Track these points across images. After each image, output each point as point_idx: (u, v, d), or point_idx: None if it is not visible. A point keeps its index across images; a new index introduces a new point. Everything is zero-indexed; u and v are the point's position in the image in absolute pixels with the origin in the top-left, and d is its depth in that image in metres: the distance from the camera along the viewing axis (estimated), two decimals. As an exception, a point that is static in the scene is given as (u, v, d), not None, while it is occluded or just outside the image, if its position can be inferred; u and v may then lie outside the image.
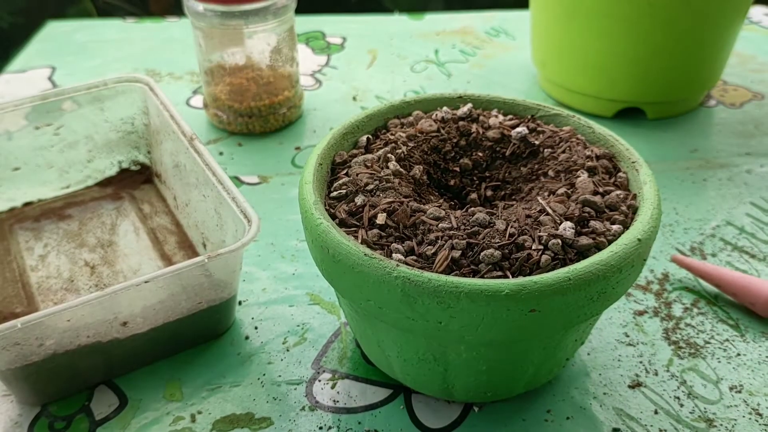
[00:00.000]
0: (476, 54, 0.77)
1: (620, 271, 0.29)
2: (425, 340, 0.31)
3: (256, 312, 0.42)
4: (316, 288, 0.44)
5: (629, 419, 0.36)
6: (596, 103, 0.63)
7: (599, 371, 0.38)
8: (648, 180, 0.33)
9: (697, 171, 0.56)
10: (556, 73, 0.65)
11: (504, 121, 0.39)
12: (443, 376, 0.33)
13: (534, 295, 0.27)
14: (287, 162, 0.57)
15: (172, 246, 0.47)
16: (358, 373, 0.38)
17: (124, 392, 0.37)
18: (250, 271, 0.45)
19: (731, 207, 0.52)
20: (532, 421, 0.35)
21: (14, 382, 0.35)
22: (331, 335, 0.41)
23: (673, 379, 0.38)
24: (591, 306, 0.29)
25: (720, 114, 0.65)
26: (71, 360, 0.35)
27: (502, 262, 0.29)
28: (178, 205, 0.49)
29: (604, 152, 0.36)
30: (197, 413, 0.36)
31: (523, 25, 0.81)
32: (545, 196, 0.33)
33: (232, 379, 0.38)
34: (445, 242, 0.30)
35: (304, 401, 0.37)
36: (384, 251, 0.30)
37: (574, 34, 0.60)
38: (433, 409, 0.36)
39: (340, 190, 0.33)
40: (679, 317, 0.42)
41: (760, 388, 0.37)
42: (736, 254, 0.47)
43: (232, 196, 0.39)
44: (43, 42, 0.79)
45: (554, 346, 0.33)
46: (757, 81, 0.71)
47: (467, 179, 0.38)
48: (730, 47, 0.62)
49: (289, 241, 0.48)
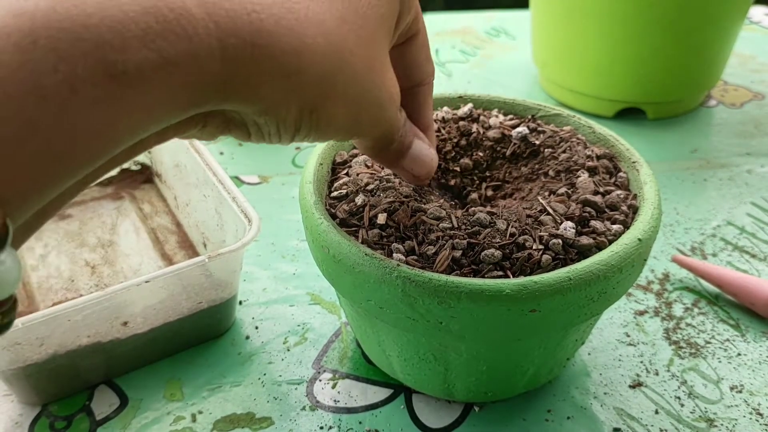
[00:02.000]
0: (476, 54, 0.77)
1: (621, 271, 0.29)
2: (426, 340, 0.31)
3: (256, 312, 0.42)
4: (316, 288, 0.44)
5: (630, 419, 0.36)
6: (597, 103, 0.63)
7: (600, 371, 0.38)
8: (648, 180, 0.33)
9: (698, 171, 0.56)
10: (557, 73, 0.65)
11: (504, 121, 0.39)
12: (444, 375, 0.33)
13: (534, 295, 0.27)
14: (287, 162, 0.57)
15: (173, 246, 0.47)
16: (359, 373, 0.38)
17: (125, 392, 0.37)
18: (250, 271, 0.45)
19: (732, 207, 0.52)
20: (532, 420, 0.35)
21: (15, 382, 0.35)
22: (332, 335, 0.41)
23: (673, 379, 0.38)
24: (591, 306, 0.29)
25: (720, 114, 0.65)
26: (72, 360, 0.35)
27: (502, 262, 0.29)
28: (179, 205, 0.49)
29: (604, 152, 0.36)
30: (198, 413, 0.36)
31: (523, 25, 0.81)
32: (546, 196, 0.33)
33: (232, 379, 0.38)
34: (445, 242, 0.30)
35: (304, 401, 0.37)
36: (384, 251, 0.30)
37: (575, 35, 0.60)
38: (433, 409, 0.36)
39: (341, 190, 0.33)
40: (680, 317, 0.42)
41: (760, 387, 0.37)
42: (737, 254, 0.47)
43: (232, 196, 0.39)
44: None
45: (555, 346, 0.33)
46: (757, 81, 0.71)
47: (468, 179, 0.38)
48: (730, 47, 0.62)
49: (290, 241, 0.48)
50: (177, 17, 0.17)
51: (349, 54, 0.21)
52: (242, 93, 0.19)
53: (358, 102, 0.22)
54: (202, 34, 0.17)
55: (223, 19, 0.18)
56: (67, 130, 0.16)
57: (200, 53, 0.17)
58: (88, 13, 0.16)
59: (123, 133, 0.17)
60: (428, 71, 0.27)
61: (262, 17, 0.19)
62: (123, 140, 0.17)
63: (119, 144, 0.17)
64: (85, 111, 0.16)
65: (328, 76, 0.21)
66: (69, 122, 0.16)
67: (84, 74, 0.16)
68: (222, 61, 0.18)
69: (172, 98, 0.18)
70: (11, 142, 0.15)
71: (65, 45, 0.16)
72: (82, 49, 0.16)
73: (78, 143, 0.16)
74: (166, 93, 0.17)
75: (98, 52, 0.16)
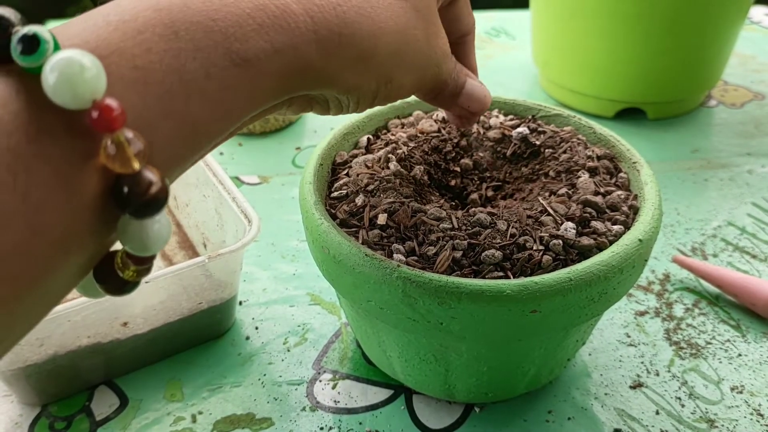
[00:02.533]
0: (477, 54, 0.77)
1: (621, 271, 0.29)
2: (426, 341, 0.31)
3: (256, 312, 0.42)
4: (316, 288, 0.44)
5: (630, 420, 0.36)
6: (597, 104, 0.63)
7: (600, 372, 0.38)
8: (649, 180, 0.33)
9: (698, 171, 0.56)
10: (557, 73, 0.65)
11: (505, 122, 0.39)
12: (444, 376, 0.33)
13: (535, 295, 0.27)
14: (287, 162, 0.57)
15: (173, 246, 0.47)
16: (359, 374, 0.38)
17: (125, 392, 0.37)
18: (250, 272, 0.45)
19: (732, 207, 0.52)
20: (533, 421, 0.35)
21: (15, 383, 0.35)
22: (332, 335, 0.41)
23: (674, 379, 0.38)
24: (592, 306, 0.29)
25: (720, 114, 0.65)
26: (72, 360, 0.35)
27: (503, 263, 0.29)
28: (179, 205, 0.49)
29: (605, 152, 0.36)
30: (198, 413, 0.36)
31: (524, 25, 0.81)
32: (546, 197, 0.33)
33: (232, 380, 0.38)
34: (446, 243, 0.30)
35: (304, 401, 0.37)
36: (385, 252, 0.30)
37: (575, 35, 0.60)
38: (434, 410, 0.36)
39: (341, 191, 0.33)
40: (681, 318, 0.42)
41: (761, 388, 0.37)
42: (738, 255, 0.47)
43: (232, 196, 0.39)
44: (44, 42, 0.78)
45: (555, 347, 0.33)
46: (757, 81, 0.71)
47: (468, 179, 0.38)
48: (730, 47, 0.62)
49: (290, 242, 0.48)
50: (282, 13, 0.20)
51: (413, 29, 0.24)
52: (331, 77, 0.22)
53: (423, 66, 0.26)
54: (302, 27, 0.20)
55: (317, 14, 0.21)
56: (204, 108, 0.19)
57: (300, 44, 0.20)
58: (215, 8, 0.19)
59: (242, 111, 0.20)
60: (470, 23, 0.31)
61: (345, 9, 0.22)
62: (241, 117, 0.20)
63: (238, 121, 0.20)
64: (217, 93, 0.19)
65: (398, 52, 0.24)
66: (205, 101, 0.19)
67: (215, 61, 0.19)
68: (317, 51, 0.21)
69: (278, 83, 0.20)
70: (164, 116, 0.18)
71: (200, 36, 0.18)
72: (213, 40, 0.19)
73: (211, 118, 0.19)
74: (275, 78, 0.20)
75: (226, 42, 0.19)
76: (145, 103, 0.17)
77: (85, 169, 0.16)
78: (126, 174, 0.17)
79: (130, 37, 0.17)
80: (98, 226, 0.17)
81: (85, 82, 0.16)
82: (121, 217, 0.18)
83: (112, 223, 0.18)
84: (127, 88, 0.17)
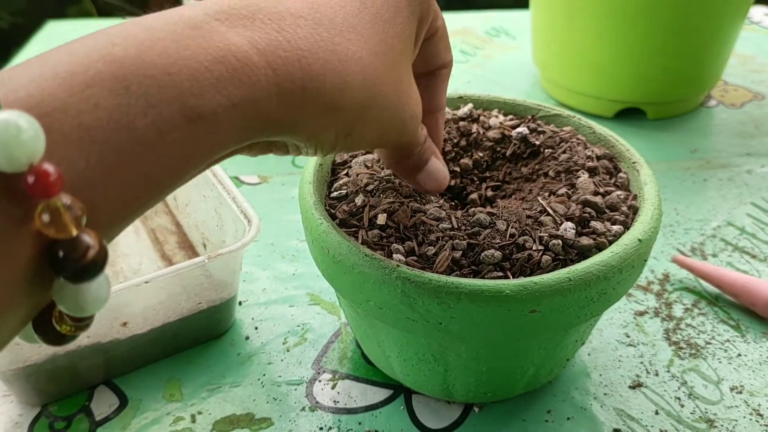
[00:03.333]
0: (476, 54, 0.77)
1: (621, 271, 0.29)
2: (426, 341, 0.31)
3: (256, 312, 0.42)
4: (316, 288, 0.44)
5: (630, 420, 0.36)
6: (597, 104, 0.63)
7: (600, 372, 0.38)
8: (648, 180, 0.33)
9: (698, 171, 0.56)
10: (557, 73, 0.65)
11: (504, 122, 0.39)
12: (443, 376, 0.33)
13: (534, 295, 0.27)
14: (287, 162, 0.57)
15: (173, 246, 0.47)
16: (359, 374, 0.38)
17: (124, 392, 0.37)
18: (250, 271, 0.45)
19: (732, 207, 0.52)
20: (532, 421, 0.35)
21: (15, 383, 0.35)
22: (332, 335, 0.41)
23: (673, 379, 0.38)
24: (591, 306, 0.29)
25: (720, 114, 0.65)
26: (71, 360, 0.35)
27: (502, 263, 0.29)
28: (178, 205, 0.49)
29: (604, 152, 0.36)
30: (197, 413, 0.36)
31: (523, 25, 0.81)
32: (546, 197, 0.33)
33: (232, 380, 0.38)
34: (445, 243, 0.30)
35: (304, 401, 0.37)
36: (384, 252, 0.30)
37: (575, 35, 0.60)
38: (433, 410, 0.36)
39: (341, 191, 0.33)
40: (680, 318, 0.42)
41: (760, 388, 0.37)
42: (737, 255, 0.47)
43: (232, 196, 0.39)
44: (43, 42, 0.78)
45: (554, 347, 0.33)
46: (757, 81, 0.71)
47: (468, 179, 0.38)
48: (730, 47, 0.62)
49: (289, 241, 0.48)
50: (242, 66, 0.19)
51: (381, 84, 0.24)
52: (291, 128, 0.22)
53: (386, 124, 0.25)
54: (262, 80, 0.20)
55: (280, 66, 0.20)
56: (154, 165, 0.18)
57: (260, 97, 0.20)
58: (171, 61, 0.18)
59: (197, 163, 0.20)
60: (447, 59, 0.30)
61: (310, 62, 0.21)
62: (197, 167, 0.20)
63: (193, 172, 0.20)
64: (169, 149, 0.18)
65: (363, 106, 0.23)
66: (156, 157, 0.18)
67: (168, 117, 0.18)
68: (278, 104, 0.20)
69: (236, 135, 0.20)
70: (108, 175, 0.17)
71: (153, 91, 0.18)
72: (167, 95, 0.18)
73: (162, 174, 0.18)
74: (231, 131, 0.20)
75: (181, 98, 0.18)
76: (88, 162, 0.16)
77: (20, 233, 0.16)
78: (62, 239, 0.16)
79: (77, 92, 0.17)
80: (33, 288, 0.17)
81: (21, 145, 0.15)
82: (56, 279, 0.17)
83: (48, 284, 0.17)
84: (70, 148, 0.16)
